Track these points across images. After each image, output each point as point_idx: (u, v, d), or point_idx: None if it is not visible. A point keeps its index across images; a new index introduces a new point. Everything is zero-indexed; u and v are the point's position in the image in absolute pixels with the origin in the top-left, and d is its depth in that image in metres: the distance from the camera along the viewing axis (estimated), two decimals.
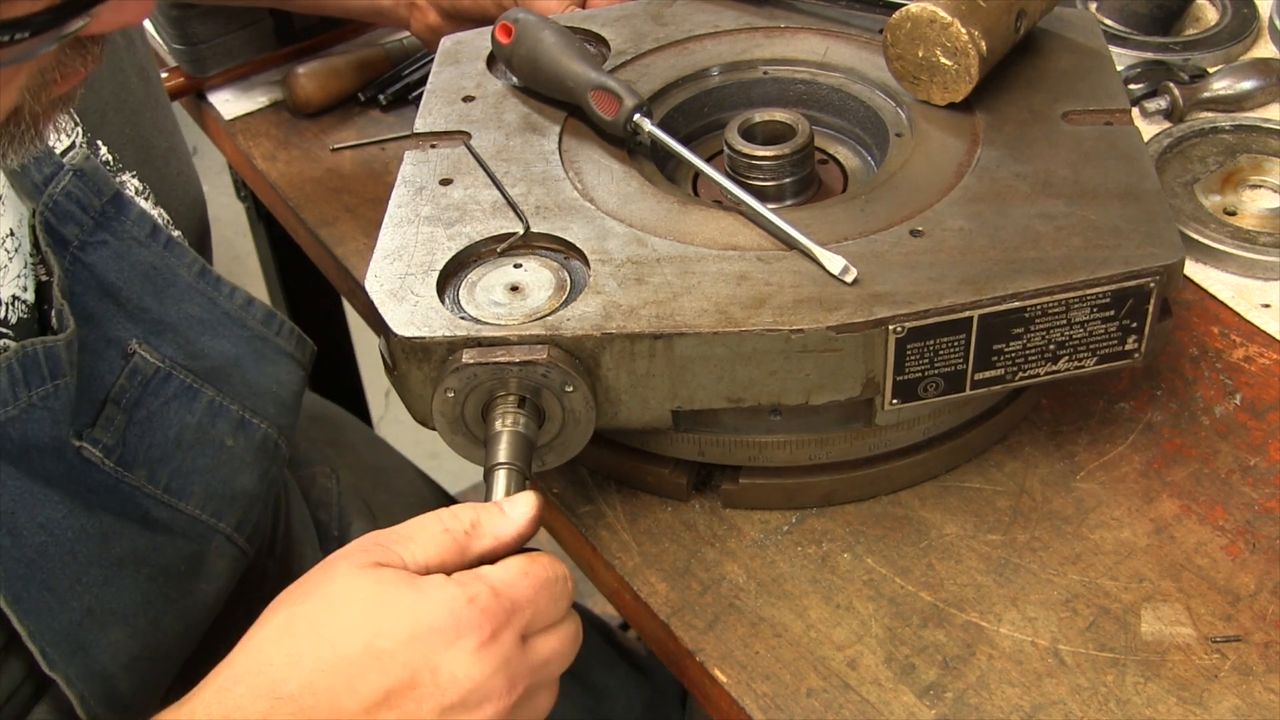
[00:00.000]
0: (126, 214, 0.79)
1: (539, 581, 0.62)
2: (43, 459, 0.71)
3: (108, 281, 0.78)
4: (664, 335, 0.70)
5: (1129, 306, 0.72)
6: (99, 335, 0.77)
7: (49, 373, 0.71)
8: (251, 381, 0.85)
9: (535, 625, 0.62)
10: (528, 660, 0.61)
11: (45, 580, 0.70)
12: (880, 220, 0.76)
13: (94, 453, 0.75)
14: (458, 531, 0.63)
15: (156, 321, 0.80)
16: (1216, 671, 0.69)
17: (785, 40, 0.93)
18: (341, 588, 0.60)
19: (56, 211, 0.75)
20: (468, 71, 0.93)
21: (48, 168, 0.75)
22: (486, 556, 0.64)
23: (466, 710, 0.59)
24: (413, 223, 0.79)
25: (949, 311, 0.70)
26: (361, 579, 0.60)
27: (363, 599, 0.59)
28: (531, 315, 0.72)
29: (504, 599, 0.61)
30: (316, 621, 0.59)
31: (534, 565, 0.63)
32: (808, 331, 0.69)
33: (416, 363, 0.72)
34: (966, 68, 0.82)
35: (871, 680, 0.70)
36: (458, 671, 0.59)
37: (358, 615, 0.59)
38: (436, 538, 0.63)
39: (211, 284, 0.84)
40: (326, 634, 0.59)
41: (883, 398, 0.73)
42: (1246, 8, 1.19)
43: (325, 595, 0.60)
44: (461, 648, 0.59)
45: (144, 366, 0.79)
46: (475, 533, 0.63)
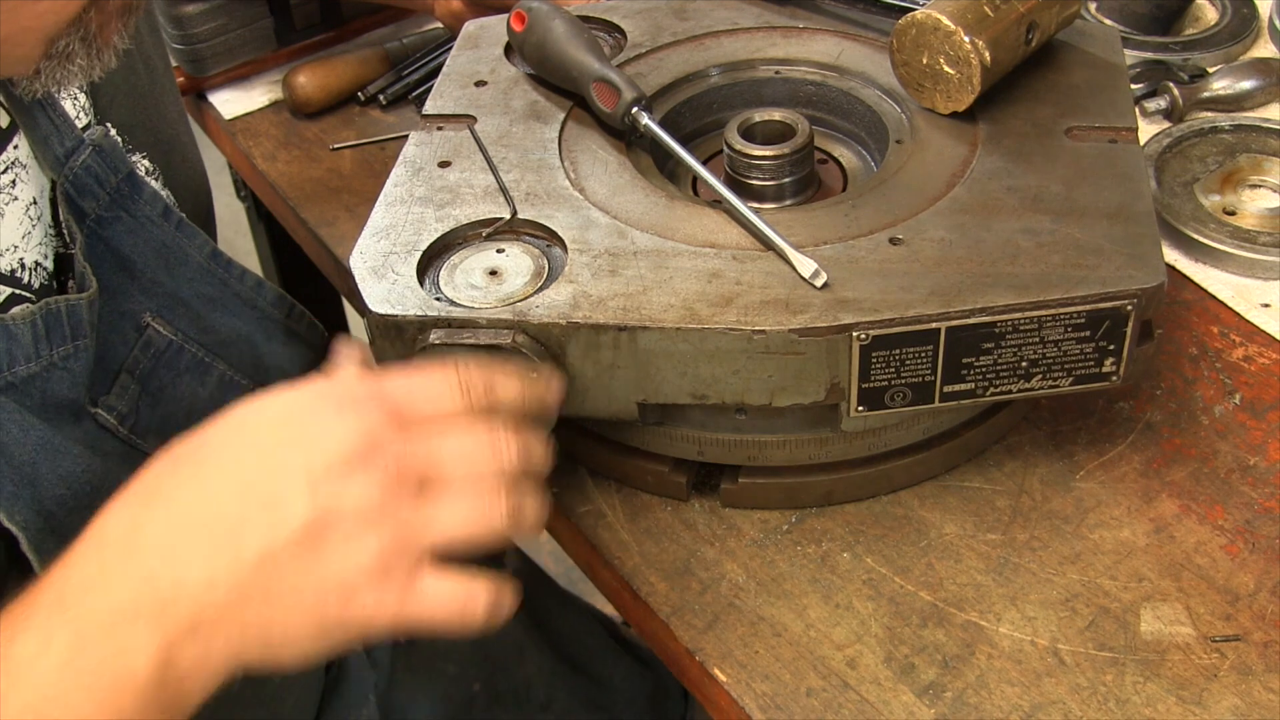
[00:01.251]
0: (140, 193, 0.80)
1: (414, 371, 0.62)
2: (62, 419, 0.72)
3: (123, 255, 0.79)
4: (628, 328, 0.70)
5: (1105, 328, 0.71)
6: (114, 308, 0.78)
7: (70, 332, 0.72)
8: (263, 358, 0.86)
9: (412, 407, 0.60)
10: (403, 435, 0.59)
11: (63, 535, 0.69)
12: (863, 226, 0.76)
13: (108, 419, 0.76)
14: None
15: (170, 296, 0.81)
16: (1216, 671, 0.69)
17: (801, 41, 0.93)
18: (220, 423, 0.61)
19: (76, 185, 0.76)
20: (484, 57, 0.94)
21: (69, 141, 0.76)
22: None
23: (338, 477, 0.57)
24: (405, 202, 0.80)
25: (915, 322, 0.69)
26: (237, 410, 0.61)
27: (237, 416, 0.60)
28: (504, 300, 0.72)
29: (368, 378, 0.61)
30: (193, 442, 0.60)
31: (422, 372, 0.62)
32: (769, 333, 0.69)
33: (390, 340, 0.73)
34: (969, 77, 0.81)
35: (871, 679, 0.70)
36: (322, 433, 0.58)
37: (228, 422, 0.60)
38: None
39: (223, 265, 0.85)
40: (200, 443, 0.60)
41: (848, 404, 0.72)
42: (1246, 8, 1.19)
43: (203, 434, 0.61)
44: (323, 412, 0.58)
45: (157, 339, 0.80)
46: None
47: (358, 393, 0.60)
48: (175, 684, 0.56)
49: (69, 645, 0.54)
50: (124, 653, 0.55)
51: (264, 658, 0.58)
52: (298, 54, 1.22)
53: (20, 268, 0.72)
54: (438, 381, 0.62)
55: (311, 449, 0.58)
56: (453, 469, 0.60)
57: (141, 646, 0.55)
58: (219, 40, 1.17)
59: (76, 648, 0.54)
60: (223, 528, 0.57)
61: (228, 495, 0.57)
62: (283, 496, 0.57)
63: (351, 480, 0.57)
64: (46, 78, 0.67)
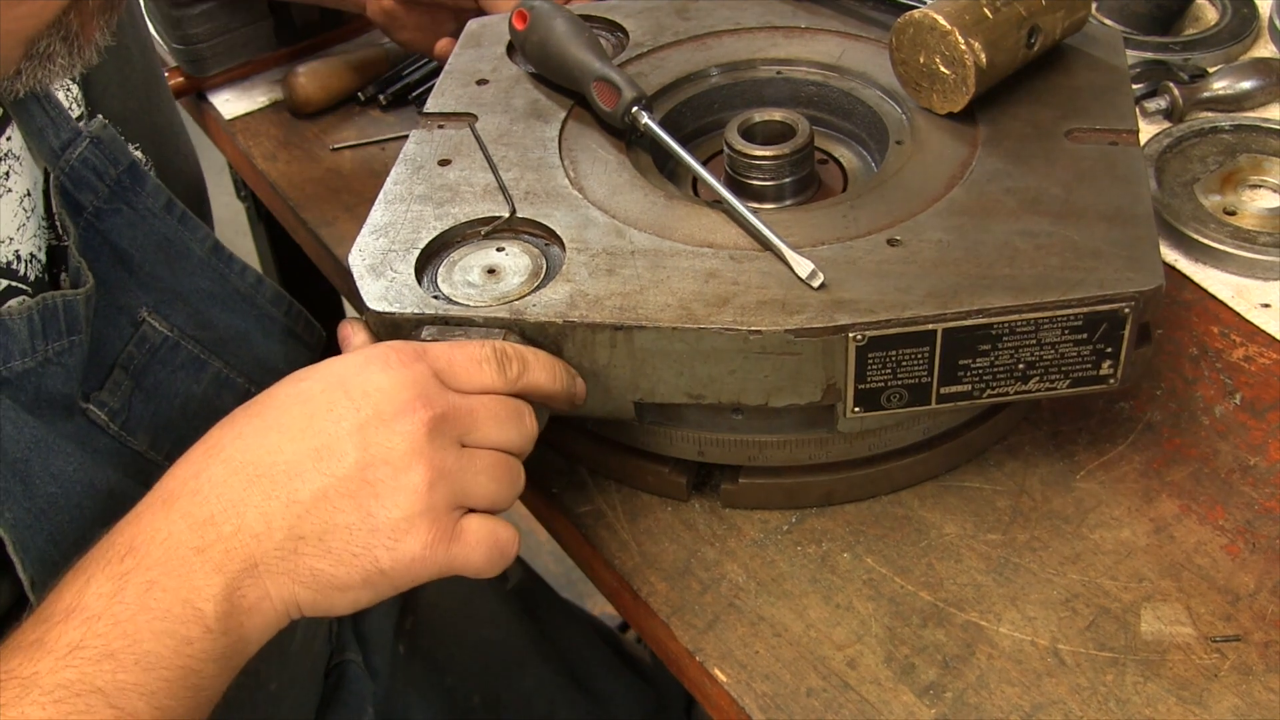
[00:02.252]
0: (143, 185, 0.80)
1: (455, 344, 0.67)
2: (54, 415, 0.72)
3: (121, 249, 0.79)
4: (624, 327, 0.70)
5: (1103, 331, 0.71)
6: (109, 301, 0.78)
7: (66, 327, 0.72)
8: (260, 356, 0.86)
9: (453, 378, 0.65)
10: (445, 394, 0.64)
11: (52, 534, 0.71)
12: (862, 227, 0.76)
13: (99, 415, 0.76)
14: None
15: (167, 291, 0.81)
16: (1216, 671, 0.69)
17: (803, 41, 0.93)
18: (271, 388, 0.66)
19: (73, 177, 0.76)
20: (487, 55, 0.94)
21: (65, 133, 0.76)
22: None
23: (383, 423, 0.62)
24: (405, 200, 0.80)
25: (911, 323, 0.69)
26: (292, 375, 0.66)
27: (288, 380, 0.65)
28: (501, 298, 0.73)
29: (413, 344, 0.66)
30: (249, 406, 0.64)
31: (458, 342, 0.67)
32: (765, 333, 0.69)
33: (387, 337, 0.73)
34: (963, 78, 0.81)
35: (871, 680, 0.70)
36: (368, 385, 0.62)
37: (281, 386, 0.65)
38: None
39: (224, 260, 0.85)
40: (257, 405, 0.64)
41: (844, 405, 0.72)
42: (1246, 8, 1.19)
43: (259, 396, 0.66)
44: (371, 369, 0.63)
45: (153, 335, 0.80)
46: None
47: (404, 353, 0.64)
48: (238, 623, 0.60)
49: (141, 588, 0.58)
50: (192, 592, 0.59)
51: (317, 602, 0.62)
52: (298, 54, 1.22)
53: (15, 260, 0.72)
54: (479, 353, 0.66)
55: (361, 400, 0.62)
56: (485, 435, 0.65)
57: (207, 585, 0.59)
58: (219, 40, 1.17)
59: (147, 590, 0.58)
60: (278, 474, 0.61)
61: (282, 445, 0.62)
62: (333, 443, 0.61)
63: (398, 425, 0.62)
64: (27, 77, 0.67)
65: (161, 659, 0.57)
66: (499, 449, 0.65)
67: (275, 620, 0.62)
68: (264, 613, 0.61)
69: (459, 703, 1.06)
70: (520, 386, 0.67)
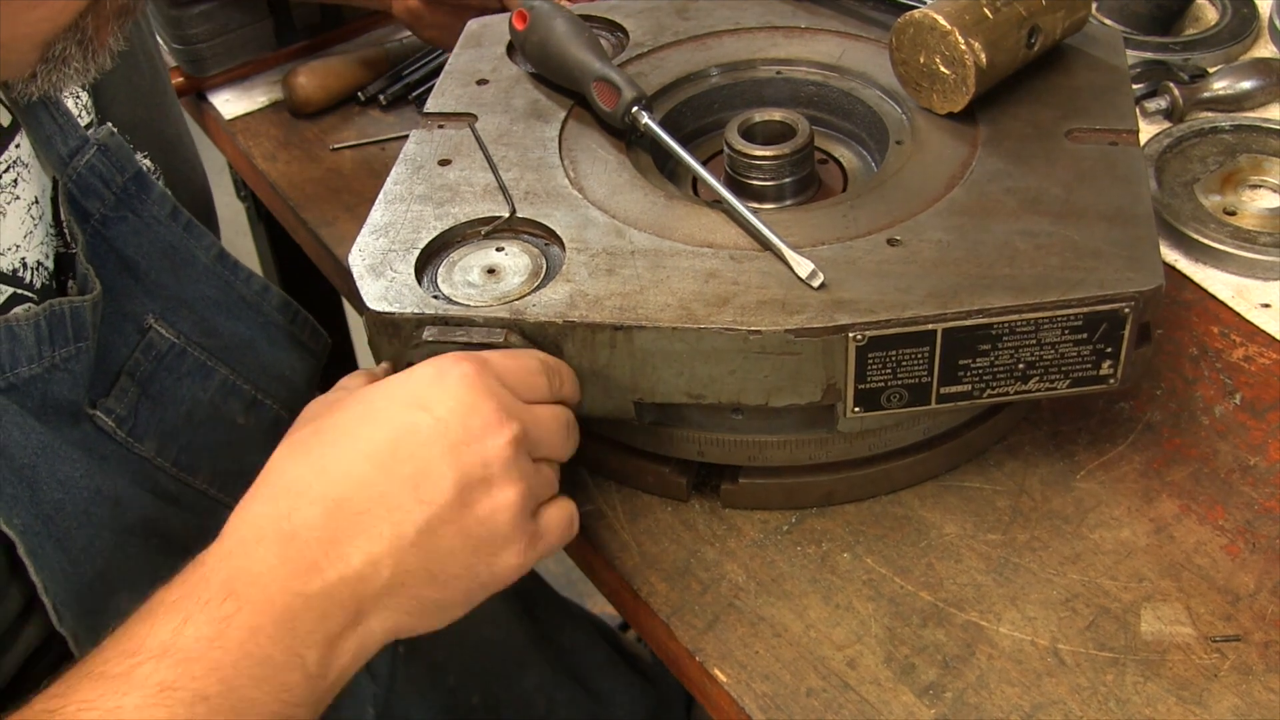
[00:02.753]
0: (149, 193, 0.80)
1: (507, 355, 0.67)
2: (61, 421, 0.72)
3: (127, 256, 0.79)
4: (624, 327, 0.70)
5: (1103, 331, 0.71)
6: (116, 309, 0.78)
7: (73, 333, 0.72)
8: (265, 364, 0.86)
9: (515, 386, 0.65)
10: (520, 408, 0.64)
11: (60, 539, 0.71)
12: (862, 227, 0.76)
13: (106, 422, 0.76)
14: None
15: (174, 299, 0.81)
16: (1216, 671, 0.69)
17: (803, 41, 0.93)
18: (327, 404, 0.67)
19: (80, 184, 0.76)
20: (487, 55, 0.94)
21: (73, 140, 0.76)
22: None
23: (474, 441, 0.61)
24: (405, 200, 0.80)
25: (911, 323, 0.69)
26: (340, 394, 0.66)
27: (351, 399, 0.65)
28: (501, 298, 0.73)
29: (474, 357, 0.65)
30: (314, 431, 0.64)
31: (511, 350, 0.68)
32: (765, 333, 0.69)
33: (387, 338, 0.73)
34: (963, 78, 0.81)
35: (871, 680, 0.70)
36: (450, 404, 0.62)
37: (348, 409, 0.64)
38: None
39: (229, 268, 0.85)
40: (324, 432, 0.63)
41: (844, 405, 0.72)
42: (1246, 8, 1.19)
43: (315, 416, 0.66)
44: (447, 384, 0.62)
45: (159, 342, 0.80)
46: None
47: (473, 363, 0.64)
48: (338, 666, 0.60)
49: (243, 634, 0.57)
50: (295, 640, 0.58)
51: (417, 626, 0.62)
52: (298, 54, 1.22)
53: (22, 267, 0.72)
54: (531, 364, 0.67)
55: (448, 417, 0.62)
56: (549, 447, 0.66)
57: (311, 633, 0.59)
58: (219, 40, 1.17)
59: (250, 636, 0.57)
60: (378, 510, 0.60)
61: (374, 478, 0.60)
62: (428, 468, 0.60)
63: (489, 442, 0.62)
64: (43, 81, 0.67)
65: (257, 704, 0.57)
66: (554, 459, 0.67)
67: (374, 651, 0.61)
68: (366, 647, 0.61)
69: (459, 702, 1.06)
70: (560, 396, 0.69)
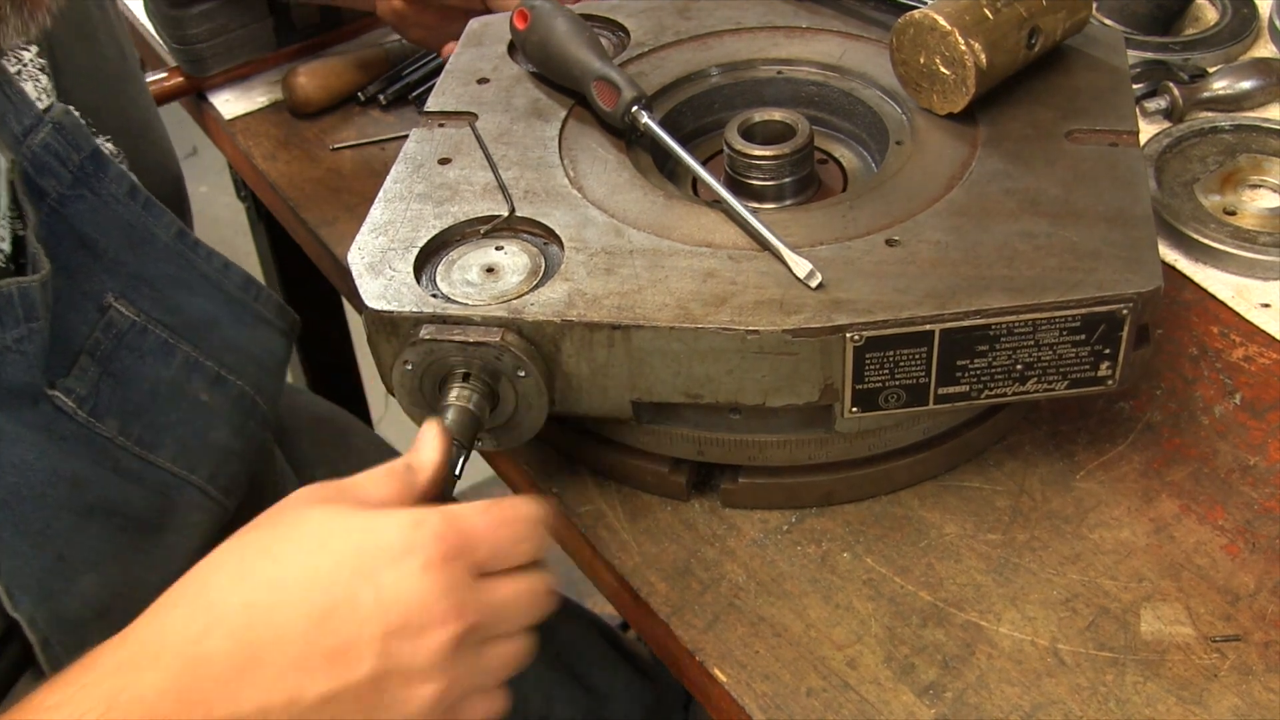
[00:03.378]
0: (105, 171, 0.79)
1: (499, 519, 0.60)
2: (16, 403, 0.71)
3: (85, 234, 0.78)
4: (622, 326, 0.70)
5: (1101, 332, 0.71)
6: (75, 287, 0.76)
7: (23, 314, 0.70)
8: (230, 341, 0.85)
9: (493, 564, 0.60)
10: (480, 595, 0.59)
11: (17, 523, 0.70)
12: (861, 227, 0.76)
13: (66, 402, 0.74)
14: (398, 468, 0.63)
15: (133, 277, 0.80)
16: (1216, 671, 0.69)
17: (804, 41, 0.93)
18: (294, 516, 0.60)
19: (35, 163, 0.75)
20: (488, 54, 0.95)
21: (27, 119, 0.75)
22: (431, 489, 0.63)
23: (410, 636, 0.57)
24: (405, 199, 0.80)
25: (909, 324, 0.69)
26: (315, 508, 0.60)
27: (314, 524, 0.59)
28: (499, 298, 0.73)
29: (456, 528, 0.59)
30: (264, 544, 0.59)
31: (496, 505, 0.61)
32: (763, 333, 0.69)
33: (385, 336, 0.73)
34: (963, 79, 0.81)
35: (871, 679, 0.70)
36: (401, 589, 0.57)
37: (306, 536, 0.58)
38: (382, 477, 0.62)
39: (189, 246, 0.84)
40: (272, 554, 0.58)
41: (842, 405, 0.72)
42: (1246, 8, 1.19)
43: (276, 523, 0.60)
44: (406, 566, 0.57)
45: (119, 320, 0.78)
46: (414, 467, 0.63)
47: (448, 545, 0.58)
48: None
49: None
50: None
51: None
52: (298, 54, 1.22)
53: None
54: (523, 530, 0.62)
55: (391, 604, 0.57)
56: (512, 625, 0.61)
57: None
58: (219, 40, 1.17)
59: None
60: (285, 664, 0.56)
61: (292, 632, 0.57)
62: (352, 647, 0.56)
63: (426, 639, 0.57)
64: None
65: None
66: (520, 629, 0.63)
67: None
68: None
69: None
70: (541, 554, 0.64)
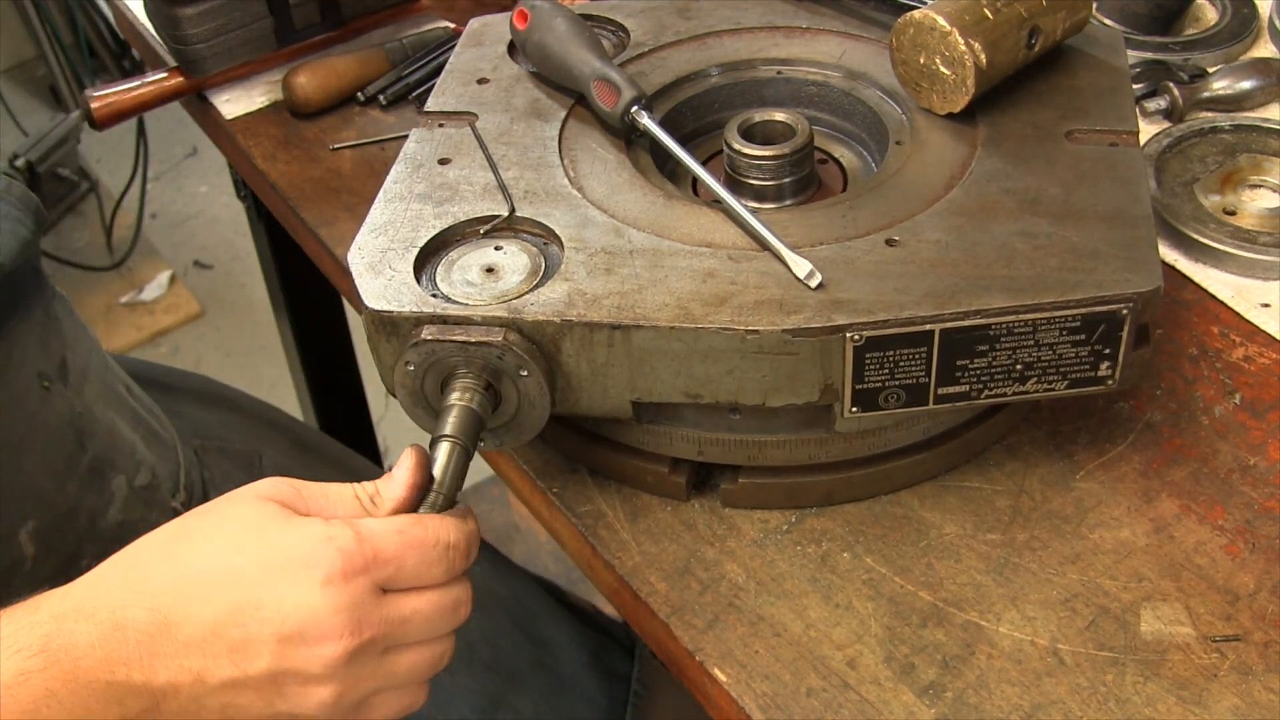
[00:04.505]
0: None
1: (411, 540, 0.63)
2: None
3: None
4: (622, 326, 0.70)
5: (1101, 332, 0.71)
6: None
7: None
8: None
9: (398, 582, 0.63)
10: (380, 611, 0.62)
11: None
12: (861, 227, 0.76)
13: None
14: (365, 499, 0.66)
15: None
16: (1216, 671, 0.69)
17: (804, 41, 0.93)
18: (234, 510, 0.64)
19: None
20: (488, 54, 0.95)
21: None
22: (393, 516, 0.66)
23: (304, 644, 0.61)
24: (404, 199, 0.80)
25: (909, 323, 0.69)
26: (252, 505, 0.63)
27: (245, 522, 0.63)
28: (500, 297, 0.73)
29: (365, 546, 0.62)
30: (199, 532, 0.63)
31: (414, 526, 0.64)
32: (763, 333, 0.69)
33: (385, 336, 0.73)
34: (963, 79, 0.81)
35: (871, 679, 0.70)
36: (300, 600, 0.60)
37: (233, 534, 0.62)
38: (347, 500, 0.65)
39: None
40: (201, 544, 0.63)
41: (842, 405, 0.72)
42: (1246, 8, 1.19)
43: (217, 513, 0.64)
44: (308, 579, 0.61)
45: None
46: (377, 500, 0.66)
47: (351, 563, 0.61)
48: None
49: (39, 693, 0.59)
50: (87, 715, 0.60)
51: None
52: (298, 54, 1.22)
53: None
54: (433, 554, 0.64)
55: (290, 611, 0.61)
56: (415, 638, 0.65)
57: (105, 715, 0.61)
58: (219, 40, 1.17)
59: (45, 698, 0.60)
60: (193, 647, 0.61)
61: (205, 617, 0.61)
62: (251, 644, 0.61)
63: (319, 649, 0.61)
64: None
65: None
66: (429, 641, 0.66)
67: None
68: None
69: None
70: (457, 573, 0.67)
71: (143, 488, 0.94)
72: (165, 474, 0.97)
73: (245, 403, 1.23)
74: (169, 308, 2.65)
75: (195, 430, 1.09)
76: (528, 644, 1.12)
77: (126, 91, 1.17)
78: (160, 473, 0.96)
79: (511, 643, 1.12)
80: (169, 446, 1.01)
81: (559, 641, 1.14)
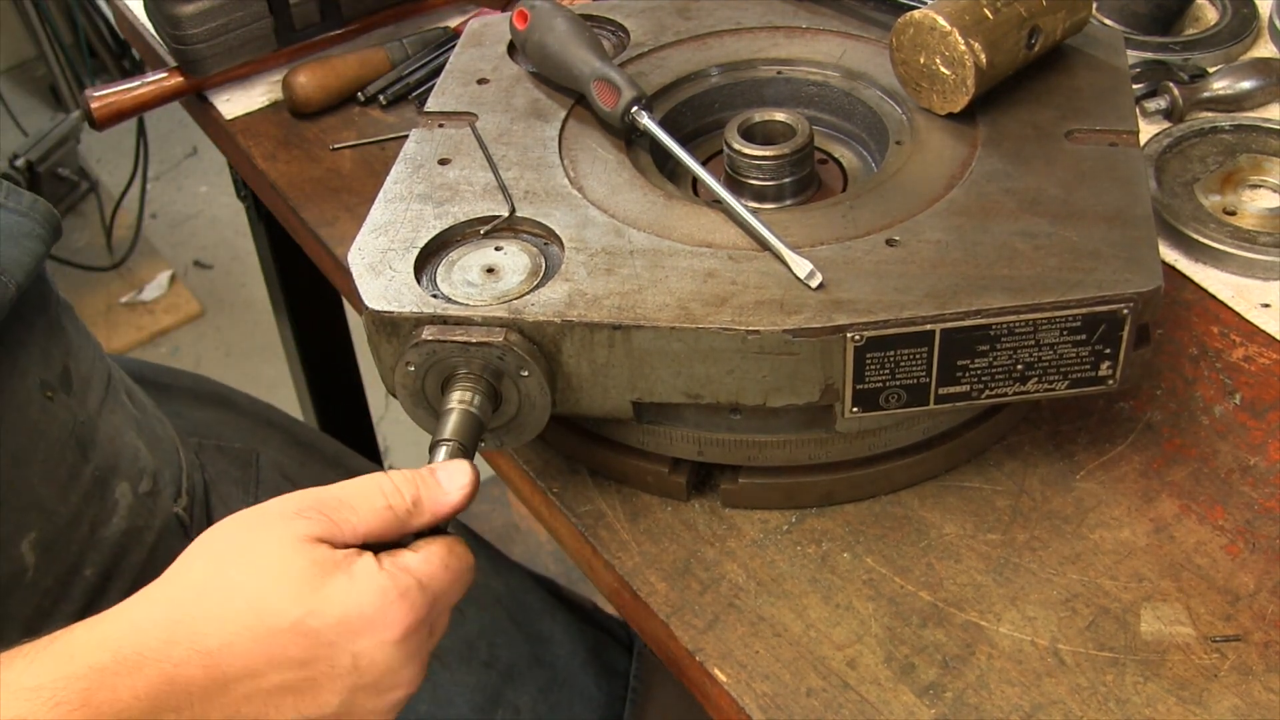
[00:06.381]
0: None
1: (456, 574, 0.65)
2: None
3: None
4: (623, 327, 0.70)
5: (1101, 332, 0.71)
6: None
7: None
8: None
9: (444, 609, 0.66)
10: (431, 643, 0.65)
11: None
12: (861, 227, 0.76)
13: None
14: (400, 509, 0.64)
15: None
16: (1216, 671, 0.69)
17: (804, 41, 0.93)
18: (276, 559, 0.61)
19: None
20: (488, 55, 0.95)
21: None
22: (422, 531, 0.66)
23: (377, 694, 0.63)
24: (405, 199, 0.80)
25: (909, 324, 0.69)
26: (297, 554, 0.61)
27: (297, 576, 0.61)
28: (500, 298, 0.73)
29: (429, 593, 0.63)
30: (245, 587, 0.61)
31: (453, 558, 0.65)
32: (764, 333, 0.69)
33: (386, 336, 0.73)
34: (963, 79, 0.81)
35: (871, 680, 0.70)
36: (377, 658, 0.62)
37: (290, 591, 0.60)
38: (379, 513, 0.64)
39: None
40: (256, 602, 0.60)
41: (843, 405, 0.72)
42: (1246, 8, 1.19)
43: (256, 562, 0.61)
44: (384, 637, 0.62)
45: None
46: (417, 510, 0.65)
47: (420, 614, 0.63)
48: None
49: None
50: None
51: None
52: (298, 54, 1.22)
53: None
54: (466, 580, 0.66)
55: (366, 666, 0.62)
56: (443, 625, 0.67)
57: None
58: (219, 40, 1.17)
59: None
60: (255, 695, 0.61)
61: (267, 681, 0.61)
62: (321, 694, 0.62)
63: (387, 696, 0.63)
64: None
65: None
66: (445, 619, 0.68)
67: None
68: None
69: None
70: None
71: (145, 494, 0.93)
72: (167, 478, 0.97)
73: (242, 402, 1.23)
74: (169, 308, 2.65)
75: (192, 429, 1.09)
76: (525, 641, 1.12)
77: (126, 91, 1.17)
78: (162, 478, 0.96)
79: (509, 639, 1.12)
80: (170, 449, 1.00)
81: (557, 638, 1.14)
